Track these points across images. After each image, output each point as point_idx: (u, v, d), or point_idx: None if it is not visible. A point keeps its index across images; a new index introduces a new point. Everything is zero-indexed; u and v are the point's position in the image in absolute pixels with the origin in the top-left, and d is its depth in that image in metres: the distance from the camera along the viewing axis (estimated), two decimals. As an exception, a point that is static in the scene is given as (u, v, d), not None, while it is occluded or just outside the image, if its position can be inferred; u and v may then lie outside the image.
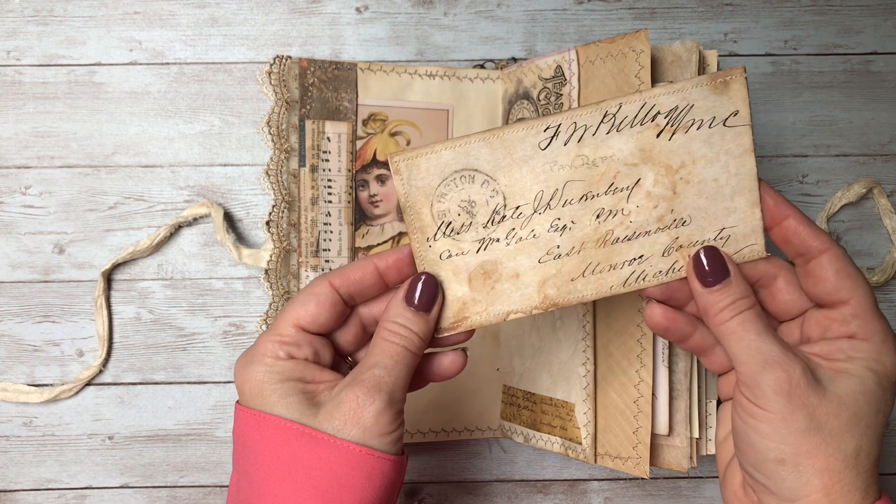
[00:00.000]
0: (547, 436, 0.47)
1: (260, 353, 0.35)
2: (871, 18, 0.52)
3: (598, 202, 0.36)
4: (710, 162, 0.35)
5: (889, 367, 0.34)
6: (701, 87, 0.35)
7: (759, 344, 0.34)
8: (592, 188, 0.35)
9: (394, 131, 0.49)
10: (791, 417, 0.32)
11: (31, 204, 0.51)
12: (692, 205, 0.35)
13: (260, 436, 0.34)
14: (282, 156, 0.49)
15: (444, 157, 0.36)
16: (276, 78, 0.48)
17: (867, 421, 0.33)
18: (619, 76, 0.43)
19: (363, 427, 0.34)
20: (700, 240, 0.36)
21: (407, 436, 0.50)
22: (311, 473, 0.33)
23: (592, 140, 0.35)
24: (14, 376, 0.51)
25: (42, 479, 0.51)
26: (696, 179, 0.35)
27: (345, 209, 0.49)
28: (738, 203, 0.35)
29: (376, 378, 0.35)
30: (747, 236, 0.36)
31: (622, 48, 0.43)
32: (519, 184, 0.36)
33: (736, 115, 0.35)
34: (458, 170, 0.36)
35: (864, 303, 0.34)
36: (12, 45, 0.51)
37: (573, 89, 0.45)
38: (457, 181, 0.36)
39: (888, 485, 0.52)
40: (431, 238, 0.36)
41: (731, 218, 0.36)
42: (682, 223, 0.36)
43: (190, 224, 0.51)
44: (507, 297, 0.37)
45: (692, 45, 0.43)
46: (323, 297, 0.36)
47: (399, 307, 0.36)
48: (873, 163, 0.52)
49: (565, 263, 0.36)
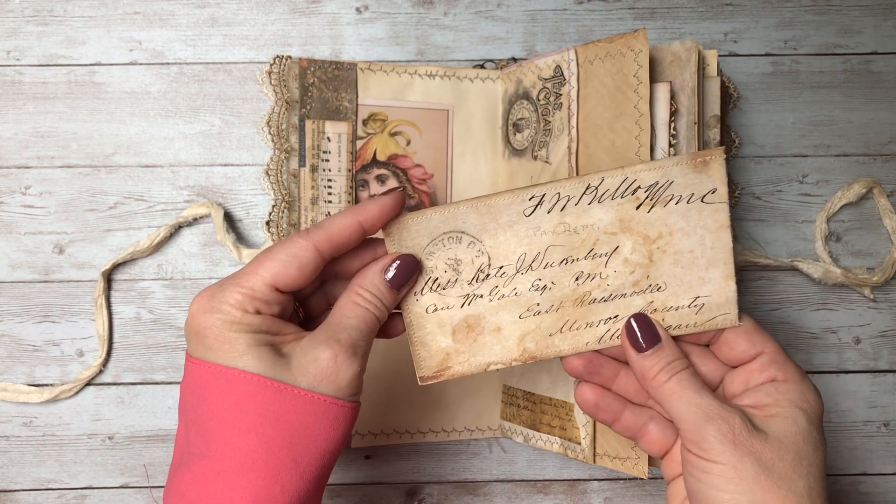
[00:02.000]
0: (546, 436, 0.47)
1: (227, 303, 0.34)
2: (871, 18, 0.52)
3: (578, 266, 0.38)
4: (686, 234, 0.37)
5: (815, 405, 0.36)
6: (681, 165, 0.37)
7: (699, 400, 0.35)
8: (573, 253, 0.38)
9: (394, 131, 0.49)
10: (740, 465, 0.34)
11: (31, 204, 0.51)
12: (668, 272, 0.37)
13: (218, 389, 0.34)
14: (282, 156, 0.49)
15: (434, 220, 0.38)
16: (276, 78, 0.48)
17: (809, 460, 0.34)
18: (618, 76, 0.43)
19: (338, 386, 0.35)
20: (675, 305, 0.38)
21: (407, 436, 0.50)
22: (278, 425, 0.34)
23: (575, 209, 0.37)
24: (14, 376, 0.51)
25: (42, 479, 0.51)
26: (673, 250, 0.37)
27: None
28: (712, 274, 0.37)
29: (353, 340, 0.35)
30: (721, 306, 0.37)
31: (621, 48, 0.43)
32: (503, 246, 0.38)
33: (714, 192, 0.37)
34: (446, 231, 0.38)
35: (777, 349, 0.37)
36: (12, 44, 0.51)
37: (572, 89, 0.45)
38: (444, 241, 0.38)
39: (888, 485, 0.52)
40: (419, 293, 0.38)
41: (706, 288, 0.37)
42: (657, 288, 0.38)
43: (190, 224, 0.51)
44: (489, 349, 0.39)
45: (692, 44, 0.43)
46: (306, 261, 0.35)
47: (377, 277, 0.37)
48: (873, 163, 0.52)
49: (544, 320, 0.38)
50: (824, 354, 0.52)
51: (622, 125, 0.43)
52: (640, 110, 0.42)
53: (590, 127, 0.44)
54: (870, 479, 0.52)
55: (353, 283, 0.37)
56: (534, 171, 0.47)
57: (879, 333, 0.52)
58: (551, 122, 0.46)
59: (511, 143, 0.49)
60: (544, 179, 0.47)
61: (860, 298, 0.52)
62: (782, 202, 0.52)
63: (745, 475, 0.33)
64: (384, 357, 0.50)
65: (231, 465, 0.33)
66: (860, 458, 0.52)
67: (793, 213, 0.52)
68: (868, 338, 0.52)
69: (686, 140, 0.43)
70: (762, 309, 0.52)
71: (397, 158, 0.49)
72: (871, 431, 0.52)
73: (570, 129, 0.45)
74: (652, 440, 0.39)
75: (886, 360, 0.52)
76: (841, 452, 0.52)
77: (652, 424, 0.39)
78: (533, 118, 0.48)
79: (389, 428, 0.50)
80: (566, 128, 0.45)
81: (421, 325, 0.39)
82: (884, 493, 0.52)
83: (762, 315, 0.52)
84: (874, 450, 0.52)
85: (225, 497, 0.33)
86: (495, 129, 0.50)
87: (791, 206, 0.52)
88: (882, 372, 0.52)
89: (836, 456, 0.52)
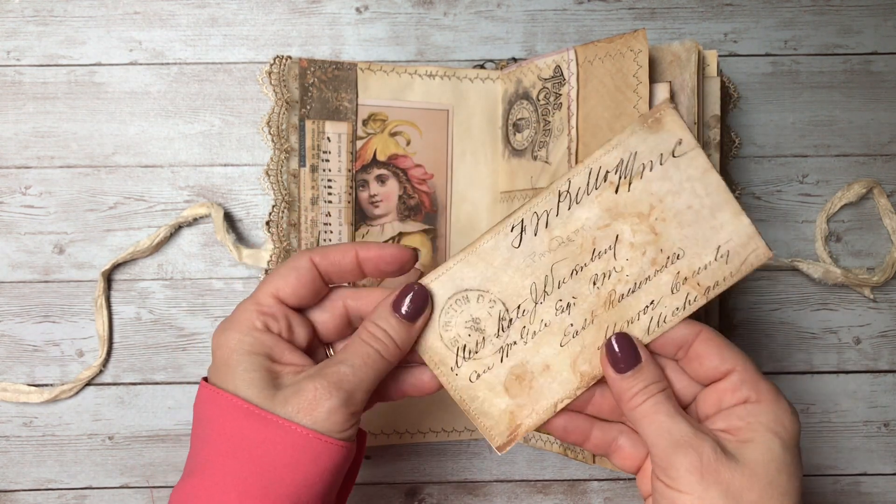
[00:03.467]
0: (546, 436, 0.47)
1: (238, 321, 0.35)
2: (871, 18, 0.52)
3: (589, 270, 0.37)
4: (676, 193, 0.36)
5: (790, 428, 0.34)
6: (636, 133, 0.36)
7: (671, 425, 0.34)
8: (578, 261, 0.37)
9: (394, 131, 0.49)
10: (706, 496, 0.33)
11: (31, 204, 0.51)
12: (678, 236, 0.36)
13: (213, 412, 0.34)
14: (282, 156, 0.49)
15: (433, 290, 0.37)
16: (276, 78, 0.48)
17: (781, 489, 0.33)
18: (618, 76, 0.43)
19: (314, 419, 0.34)
20: (701, 265, 0.36)
21: (407, 436, 0.50)
22: (255, 453, 0.33)
23: (558, 220, 0.37)
24: (14, 376, 0.51)
25: (42, 479, 0.51)
26: (672, 213, 0.36)
27: (345, 209, 0.49)
28: (721, 218, 0.36)
29: (340, 375, 0.35)
30: (745, 245, 0.36)
31: (620, 48, 0.43)
32: (510, 286, 0.37)
33: (680, 143, 0.36)
34: (449, 296, 0.37)
35: (749, 367, 0.35)
36: (12, 45, 0.51)
37: (572, 89, 0.45)
38: (454, 307, 0.37)
39: (888, 485, 0.52)
40: (455, 366, 0.38)
41: (722, 233, 0.36)
42: (676, 257, 0.37)
43: (190, 224, 0.51)
44: (548, 390, 0.37)
45: (691, 45, 0.43)
46: (303, 272, 0.36)
47: (385, 312, 0.36)
48: (873, 163, 0.52)
49: (585, 337, 0.37)
50: (824, 354, 0.52)
51: (621, 125, 0.43)
52: (640, 110, 0.42)
53: (589, 127, 0.44)
54: (870, 479, 0.52)
55: (364, 321, 0.37)
56: (533, 171, 0.47)
57: (879, 333, 0.52)
58: (551, 122, 0.46)
59: (511, 143, 0.49)
60: (544, 179, 0.47)
61: (860, 298, 0.52)
62: (782, 202, 0.52)
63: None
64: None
65: (211, 483, 0.34)
66: (860, 459, 0.52)
67: (793, 213, 0.52)
68: (868, 338, 0.52)
69: None
70: (762, 309, 0.52)
71: (397, 158, 0.49)
72: (872, 431, 0.52)
73: (569, 129, 0.45)
74: (624, 455, 0.38)
75: (886, 360, 0.52)
76: (841, 452, 0.52)
77: (623, 439, 0.38)
78: (533, 118, 0.48)
79: (389, 428, 0.50)
80: (566, 128, 0.45)
81: (472, 396, 0.38)
82: (884, 493, 0.52)
83: (762, 315, 0.52)
84: (874, 450, 0.52)
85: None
86: (495, 129, 0.50)
87: (791, 207, 0.52)
88: (882, 372, 0.52)
89: (836, 456, 0.52)
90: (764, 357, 0.52)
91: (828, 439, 0.52)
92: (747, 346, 0.52)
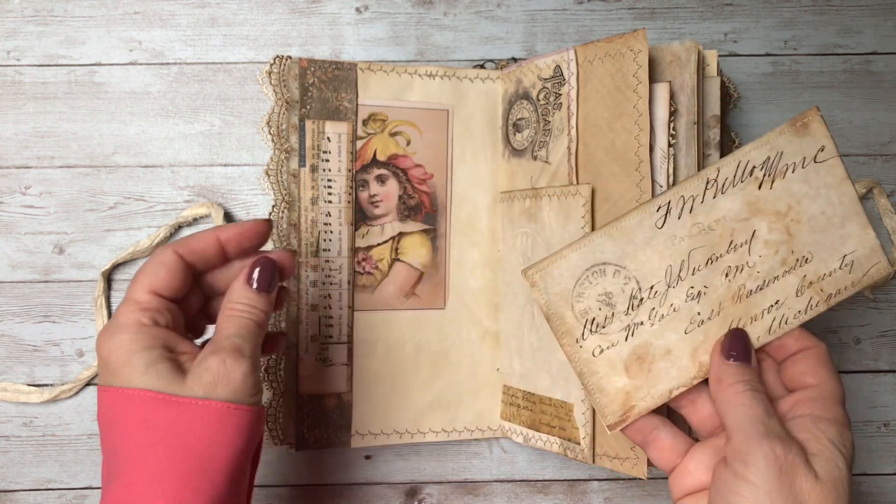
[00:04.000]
0: (546, 436, 0.47)
1: (124, 323, 0.36)
2: (870, 18, 0.52)
3: (724, 262, 0.38)
4: (812, 198, 0.38)
5: (851, 451, 0.34)
6: (784, 134, 0.38)
7: (766, 418, 0.34)
8: (715, 250, 0.38)
9: (394, 131, 0.49)
10: (777, 493, 0.32)
11: (31, 204, 0.51)
12: (809, 241, 0.38)
13: (124, 410, 0.35)
14: (282, 156, 0.49)
15: (573, 259, 0.38)
16: (277, 78, 0.48)
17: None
18: (618, 76, 0.43)
19: (233, 387, 0.35)
20: (826, 271, 0.38)
21: (407, 436, 0.50)
22: (182, 436, 0.34)
23: (702, 207, 0.38)
24: (14, 376, 0.51)
25: (42, 480, 0.51)
26: (806, 217, 0.38)
27: (345, 209, 0.49)
28: (849, 228, 0.38)
29: (236, 345, 0.36)
30: (869, 257, 0.38)
31: (620, 48, 0.43)
32: (647, 265, 0.38)
33: (823, 150, 0.38)
34: (587, 268, 0.38)
35: (835, 391, 0.36)
36: (12, 45, 0.51)
37: (572, 89, 0.45)
38: (589, 278, 0.38)
39: (888, 485, 0.52)
40: (580, 338, 0.38)
41: (849, 244, 0.38)
42: (805, 261, 0.38)
43: (190, 224, 0.51)
44: (666, 375, 0.38)
45: (691, 45, 0.43)
46: (171, 264, 0.37)
47: (241, 289, 0.38)
48: (873, 163, 0.52)
49: (710, 327, 0.38)
50: (824, 354, 0.52)
51: (621, 125, 0.43)
52: (640, 110, 0.42)
53: (589, 127, 0.44)
54: (870, 479, 0.52)
55: (224, 301, 0.38)
56: (533, 171, 0.47)
57: (879, 334, 0.52)
58: (551, 122, 0.46)
59: (511, 142, 0.49)
60: (544, 180, 0.47)
61: (860, 298, 0.52)
62: (782, 202, 0.52)
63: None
64: (384, 357, 0.50)
65: (141, 478, 0.34)
66: (860, 459, 0.52)
67: (793, 213, 0.52)
68: (868, 338, 0.52)
69: (685, 140, 0.43)
70: (762, 309, 0.52)
71: (397, 158, 0.49)
72: (872, 431, 0.52)
73: (569, 129, 0.45)
74: (662, 448, 0.38)
75: (886, 360, 0.52)
76: (841, 452, 0.52)
77: (663, 431, 0.38)
78: (533, 118, 0.48)
79: (389, 428, 0.50)
80: (566, 127, 0.45)
81: (592, 370, 0.38)
82: (883, 493, 0.52)
83: (762, 315, 0.52)
84: (874, 450, 0.52)
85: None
86: (495, 129, 0.50)
87: (791, 206, 0.52)
88: (882, 372, 0.52)
89: (836, 456, 0.52)
90: (764, 357, 0.52)
91: (828, 439, 0.52)
92: (747, 346, 0.52)
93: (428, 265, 0.49)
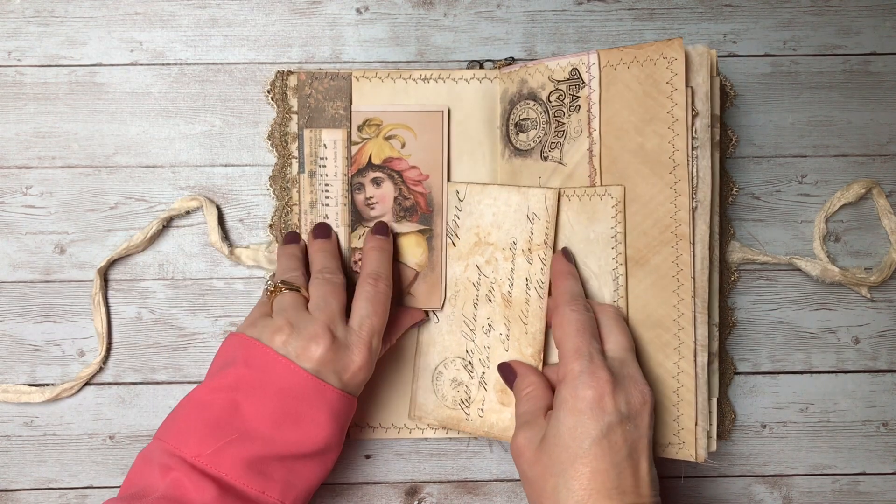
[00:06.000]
0: None
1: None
2: (870, 19, 0.52)
3: (481, 295, 0.49)
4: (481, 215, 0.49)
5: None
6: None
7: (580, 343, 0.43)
8: (469, 298, 0.49)
9: (388, 135, 0.50)
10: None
11: (32, 204, 0.51)
12: (503, 235, 0.48)
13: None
14: (284, 163, 0.50)
15: (421, 382, 0.50)
16: (279, 92, 0.49)
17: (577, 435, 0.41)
18: (647, 82, 0.44)
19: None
20: (528, 235, 0.48)
21: (405, 431, 0.50)
22: None
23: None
24: (15, 376, 0.51)
25: (43, 479, 0.51)
26: (491, 230, 0.49)
27: (341, 212, 0.50)
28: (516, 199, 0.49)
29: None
30: (538, 198, 0.48)
31: (652, 55, 0.43)
32: (454, 344, 0.49)
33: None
34: (432, 379, 0.50)
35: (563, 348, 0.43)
36: (13, 45, 0.51)
37: (593, 92, 0.46)
38: (439, 381, 0.50)
39: (887, 484, 0.52)
40: (466, 417, 0.49)
41: (527, 206, 0.48)
42: (513, 244, 0.48)
43: (182, 216, 0.51)
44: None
45: (703, 49, 0.44)
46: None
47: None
48: (872, 163, 0.52)
49: (514, 332, 0.48)
50: (823, 354, 0.52)
51: (652, 129, 0.44)
52: (675, 115, 0.43)
53: (612, 130, 0.45)
54: (869, 479, 0.52)
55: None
56: (543, 171, 0.48)
57: (878, 333, 0.52)
58: (566, 124, 0.47)
59: (512, 142, 0.49)
60: (557, 180, 0.47)
61: (859, 298, 0.52)
62: (781, 202, 0.52)
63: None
64: (387, 353, 0.50)
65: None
66: (859, 458, 0.52)
67: (792, 213, 0.52)
68: (867, 338, 0.52)
69: (702, 142, 0.44)
70: (761, 308, 0.52)
71: (392, 161, 0.49)
72: (870, 431, 0.52)
73: (590, 132, 0.46)
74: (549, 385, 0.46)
75: (885, 359, 0.52)
76: (840, 452, 0.52)
77: (545, 383, 0.46)
78: (542, 119, 0.48)
79: (388, 422, 0.50)
80: (584, 130, 0.46)
81: (490, 424, 0.48)
82: (883, 493, 0.52)
83: (761, 314, 0.52)
84: (873, 449, 0.52)
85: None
86: (493, 128, 0.50)
87: (790, 207, 0.52)
88: (881, 372, 0.52)
89: (834, 455, 0.52)
90: (763, 356, 0.52)
91: (827, 439, 0.52)
92: (746, 345, 0.52)
93: (423, 265, 0.49)
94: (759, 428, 0.52)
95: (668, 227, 0.44)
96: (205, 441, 0.39)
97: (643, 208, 0.44)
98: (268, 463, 0.40)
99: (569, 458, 0.39)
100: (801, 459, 0.52)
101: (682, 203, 0.43)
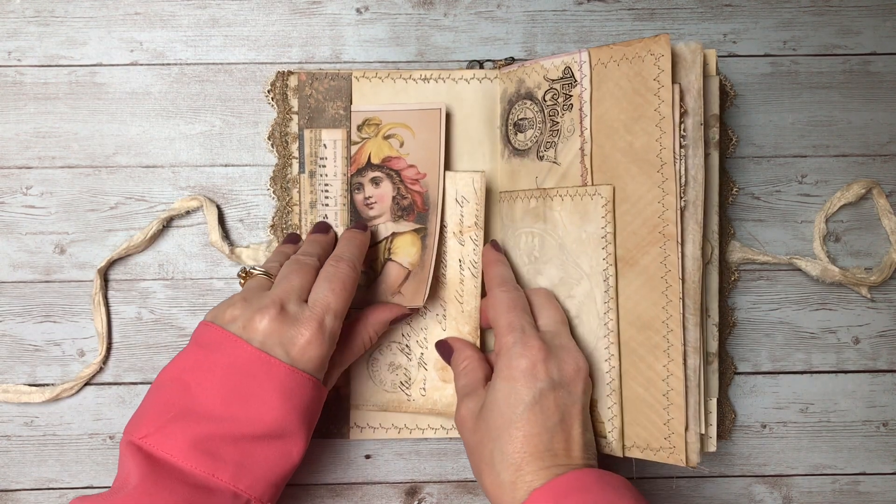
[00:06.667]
0: None
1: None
2: (870, 19, 0.52)
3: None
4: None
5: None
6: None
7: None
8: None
9: (387, 134, 0.50)
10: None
11: (32, 204, 0.51)
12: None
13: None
14: (285, 163, 0.50)
15: (357, 371, 0.51)
16: (279, 93, 0.49)
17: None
18: (636, 79, 0.43)
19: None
20: (458, 219, 0.49)
21: (405, 431, 0.50)
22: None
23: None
24: (15, 376, 0.51)
25: (43, 479, 0.51)
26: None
27: (341, 212, 0.50)
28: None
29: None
30: (465, 181, 0.50)
31: (639, 52, 0.43)
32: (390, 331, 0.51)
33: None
34: (367, 367, 0.51)
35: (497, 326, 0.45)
36: (13, 45, 0.51)
37: (584, 91, 0.45)
38: (375, 367, 0.51)
39: (887, 484, 0.52)
40: (408, 398, 0.50)
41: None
42: (444, 229, 0.50)
43: (182, 216, 0.51)
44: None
45: (696, 46, 0.43)
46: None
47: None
48: (872, 163, 0.52)
49: (449, 311, 0.50)
50: (823, 354, 0.52)
51: (641, 127, 0.43)
52: (662, 113, 0.42)
53: (604, 128, 0.45)
54: (868, 479, 0.52)
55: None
56: (539, 171, 0.48)
57: (878, 333, 0.52)
58: (560, 123, 0.47)
59: (511, 142, 0.49)
60: (552, 180, 0.47)
61: (859, 298, 0.52)
62: (781, 202, 0.52)
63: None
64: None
65: None
66: (859, 458, 0.52)
67: (792, 213, 0.52)
68: (867, 338, 0.52)
69: (693, 140, 0.43)
70: (761, 308, 0.52)
71: (391, 160, 0.49)
72: (870, 431, 0.52)
73: (581, 130, 0.45)
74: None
75: (885, 359, 0.52)
76: (840, 452, 0.52)
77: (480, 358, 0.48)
78: (538, 118, 0.48)
79: (388, 422, 0.50)
80: (577, 129, 0.46)
81: (434, 402, 0.50)
82: (882, 493, 0.52)
83: (761, 314, 0.52)
84: (873, 449, 0.52)
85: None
86: (493, 128, 0.50)
87: (790, 207, 0.52)
88: (881, 372, 0.52)
89: (834, 455, 0.52)
90: (763, 356, 0.52)
91: (827, 439, 0.52)
92: (746, 345, 0.52)
93: (416, 264, 0.49)
94: (759, 428, 0.52)
95: (656, 226, 0.43)
96: (152, 422, 0.39)
97: (633, 208, 0.44)
98: (217, 443, 0.39)
99: (504, 424, 0.41)
100: (801, 459, 0.52)
101: (669, 203, 0.43)
